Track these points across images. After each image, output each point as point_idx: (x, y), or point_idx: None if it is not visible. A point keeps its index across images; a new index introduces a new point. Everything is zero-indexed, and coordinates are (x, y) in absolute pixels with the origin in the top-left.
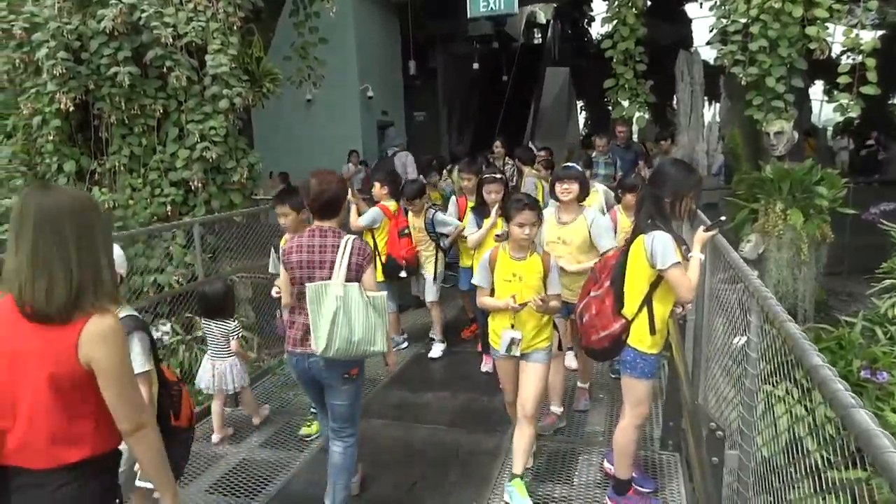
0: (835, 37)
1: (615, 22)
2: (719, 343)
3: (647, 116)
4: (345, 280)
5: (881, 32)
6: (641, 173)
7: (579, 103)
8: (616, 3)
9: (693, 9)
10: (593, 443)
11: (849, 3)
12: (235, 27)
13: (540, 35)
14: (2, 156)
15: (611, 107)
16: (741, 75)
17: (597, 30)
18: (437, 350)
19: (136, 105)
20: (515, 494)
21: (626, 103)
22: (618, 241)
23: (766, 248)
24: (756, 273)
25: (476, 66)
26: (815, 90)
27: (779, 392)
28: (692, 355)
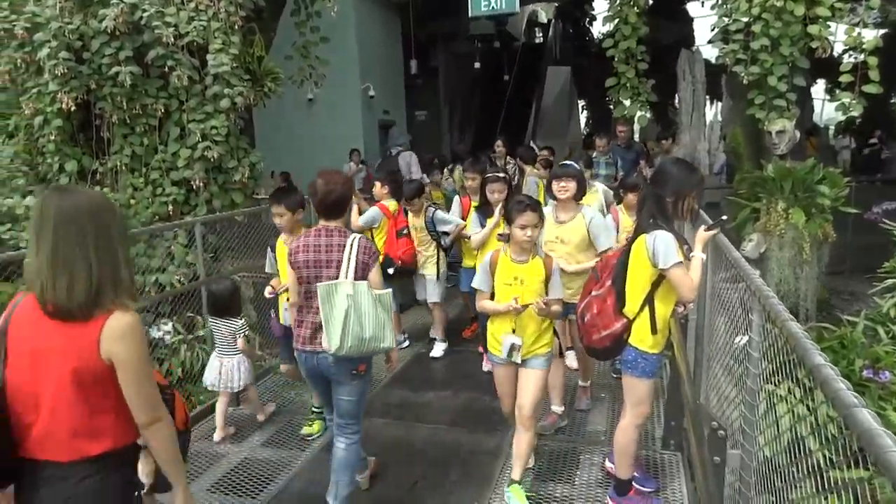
0: (837, 35)
1: (617, 21)
2: (721, 342)
3: (648, 115)
4: (353, 279)
5: (883, 31)
6: (643, 172)
7: (581, 102)
8: (618, 2)
9: (695, 7)
10: (595, 442)
11: (851, 1)
12: (237, 26)
13: (541, 34)
14: (3, 155)
15: (612, 106)
16: (743, 74)
17: (598, 29)
18: (439, 349)
19: (137, 105)
20: (514, 500)
21: (627, 102)
22: (620, 241)
23: (767, 247)
24: (758, 272)
25: (477, 65)
26: (817, 89)
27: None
28: (694, 354)
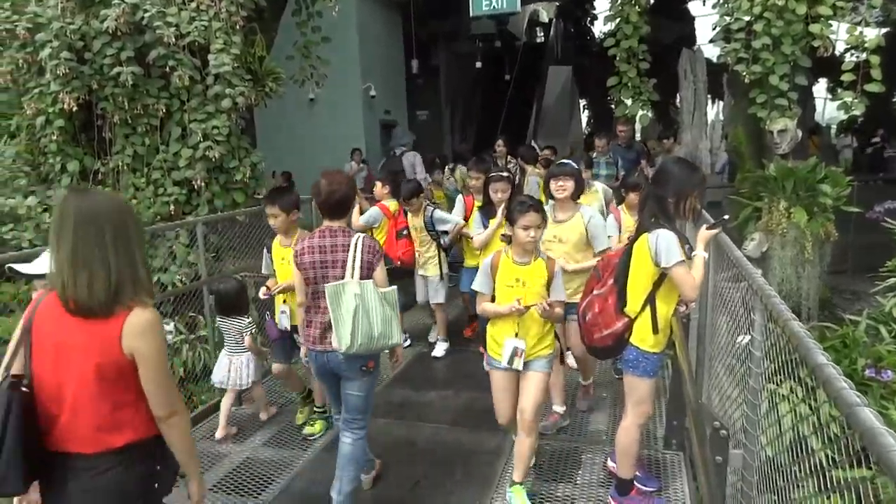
0: (838, 34)
1: (618, 20)
2: (723, 341)
3: (650, 115)
4: (359, 278)
5: (885, 30)
6: (645, 172)
7: (582, 102)
8: (619, 1)
9: (696, 7)
10: (596, 442)
11: (853, 0)
12: (238, 26)
13: (542, 33)
14: (6, 156)
15: (614, 105)
16: (744, 73)
17: (599, 28)
18: (441, 349)
19: (139, 105)
20: (516, 501)
21: (629, 102)
22: (622, 240)
23: (769, 246)
24: (760, 271)
25: (478, 64)
26: (818, 88)
27: (783, 391)
28: (696, 354)
